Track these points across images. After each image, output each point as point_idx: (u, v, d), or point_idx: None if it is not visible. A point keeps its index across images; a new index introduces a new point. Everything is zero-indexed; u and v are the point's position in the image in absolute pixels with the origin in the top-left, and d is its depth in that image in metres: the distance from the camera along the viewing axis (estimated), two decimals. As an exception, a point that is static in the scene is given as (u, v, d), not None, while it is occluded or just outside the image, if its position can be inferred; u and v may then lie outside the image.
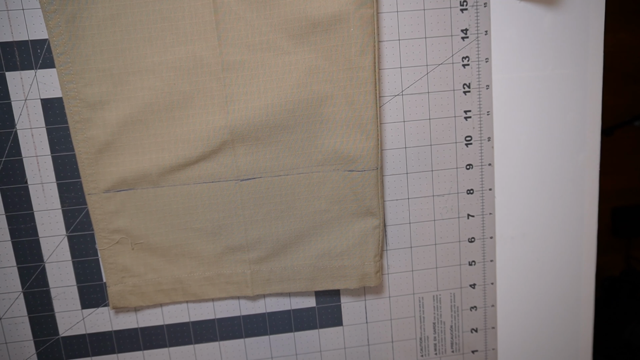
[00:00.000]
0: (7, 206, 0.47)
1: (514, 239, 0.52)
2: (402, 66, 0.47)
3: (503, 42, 0.48)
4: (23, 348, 0.50)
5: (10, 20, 0.44)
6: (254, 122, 0.45)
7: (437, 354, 0.54)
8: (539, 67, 0.48)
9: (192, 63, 0.44)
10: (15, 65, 0.44)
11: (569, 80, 0.49)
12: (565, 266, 0.52)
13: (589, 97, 0.49)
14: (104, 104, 0.44)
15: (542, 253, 0.52)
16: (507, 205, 0.51)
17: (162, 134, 0.45)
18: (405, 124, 0.48)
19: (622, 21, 1.19)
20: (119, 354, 0.51)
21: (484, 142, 0.49)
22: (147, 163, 0.45)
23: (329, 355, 0.53)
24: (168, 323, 0.51)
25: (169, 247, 0.48)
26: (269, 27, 0.43)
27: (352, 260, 0.48)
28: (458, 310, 0.53)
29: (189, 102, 0.45)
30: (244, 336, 0.52)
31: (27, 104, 0.45)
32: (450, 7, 0.47)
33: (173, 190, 0.46)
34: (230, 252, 0.48)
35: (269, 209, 0.47)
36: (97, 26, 0.43)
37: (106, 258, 0.48)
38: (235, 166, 0.46)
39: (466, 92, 0.48)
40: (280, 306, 0.51)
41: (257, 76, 0.44)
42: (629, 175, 1.35)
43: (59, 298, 0.49)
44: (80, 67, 0.44)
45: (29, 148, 0.46)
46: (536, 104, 0.49)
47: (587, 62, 0.48)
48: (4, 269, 0.48)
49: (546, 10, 0.47)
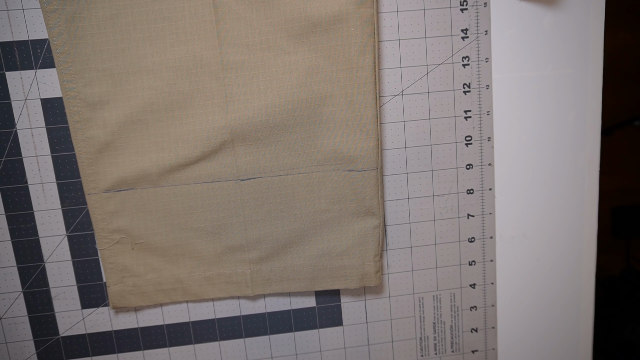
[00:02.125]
0: (7, 206, 0.47)
1: (514, 239, 0.52)
2: (402, 66, 0.47)
3: (503, 42, 0.48)
4: (23, 348, 0.50)
5: (10, 20, 0.44)
6: (254, 121, 0.45)
7: (437, 354, 0.54)
8: (539, 67, 0.48)
9: (192, 63, 0.44)
10: (15, 65, 0.44)
11: (569, 80, 0.49)
12: (565, 266, 0.52)
13: (589, 97, 0.49)
14: (104, 103, 0.44)
15: (542, 253, 0.52)
16: (507, 205, 0.51)
17: (162, 133, 0.45)
18: (405, 124, 0.48)
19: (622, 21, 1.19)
20: (119, 354, 0.51)
21: (484, 142, 0.49)
22: (147, 163, 0.45)
23: (329, 355, 0.53)
24: (168, 323, 0.51)
25: (169, 246, 0.48)
26: (269, 27, 0.43)
27: (352, 260, 0.48)
28: (458, 310, 0.53)
29: (189, 101, 0.45)
30: (244, 336, 0.52)
31: (27, 104, 0.45)
32: (450, 7, 0.47)
33: (173, 190, 0.46)
34: (230, 252, 0.48)
35: (269, 209, 0.47)
36: (97, 26, 0.43)
37: (106, 258, 0.48)
38: (235, 166, 0.46)
39: (466, 92, 0.48)
40: (280, 306, 0.51)
41: (257, 76, 0.44)
42: (629, 175, 1.35)
43: (59, 298, 0.49)
44: (80, 66, 0.44)
45: (29, 148, 0.46)
46: (536, 104, 0.49)
47: (587, 62, 0.48)
48: (4, 269, 0.48)
49: (546, 10, 0.48)
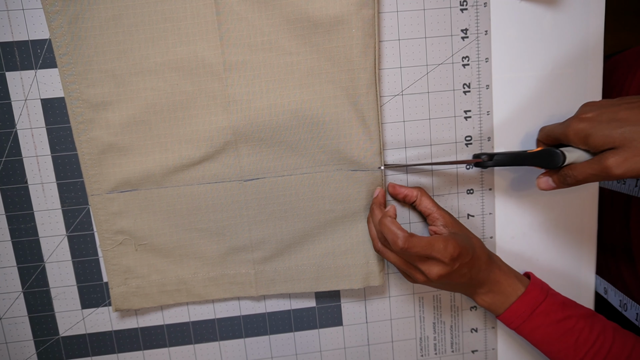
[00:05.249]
0: (7, 206, 0.47)
1: (514, 239, 0.52)
2: (402, 66, 0.47)
3: (503, 42, 0.48)
4: (23, 348, 0.50)
5: (10, 20, 0.44)
6: (257, 122, 0.45)
7: (437, 354, 0.54)
8: (539, 67, 0.48)
9: (194, 63, 0.44)
10: (15, 65, 0.44)
11: (569, 80, 0.49)
12: (565, 266, 0.52)
13: (589, 97, 0.49)
14: (107, 104, 0.44)
15: (542, 253, 0.52)
16: (507, 205, 0.51)
17: (165, 134, 0.45)
18: (405, 124, 0.48)
19: (622, 21, 1.19)
20: (119, 354, 0.51)
21: (484, 142, 0.49)
22: (150, 164, 0.45)
23: (329, 355, 0.53)
24: (168, 323, 0.51)
25: (172, 247, 0.48)
26: (271, 28, 0.43)
27: (356, 259, 0.48)
28: (458, 310, 0.53)
29: (192, 102, 0.45)
30: (244, 336, 0.52)
31: (27, 104, 0.45)
32: (450, 7, 0.47)
33: (177, 190, 0.46)
34: (235, 253, 0.48)
35: (273, 209, 0.47)
36: (100, 27, 0.43)
37: (109, 259, 0.48)
38: (239, 166, 0.46)
39: (466, 92, 0.48)
40: (281, 306, 0.51)
41: (259, 76, 0.44)
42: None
43: (59, 298, 0.49)
44: (83, 68, 0.44)
45: (29, 148, 0.46)
46: (536, 104, 0.49)
47: (587, 62, 0.48)
48: (4, 269, 0.48)
49: (546, 10, 0.48)
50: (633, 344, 0.44)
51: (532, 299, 0.46)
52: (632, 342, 0.44)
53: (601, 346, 0.44)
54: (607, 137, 0.38)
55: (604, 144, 0.38)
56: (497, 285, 0.46)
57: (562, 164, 0.41)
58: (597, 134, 0.38)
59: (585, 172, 0.39)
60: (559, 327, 0.45)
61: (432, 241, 0.40)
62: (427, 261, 0.41)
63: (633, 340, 0.44)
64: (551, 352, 0.46)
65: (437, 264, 0.41)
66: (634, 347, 0.44)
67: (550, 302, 0.46)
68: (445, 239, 0.40)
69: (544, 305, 0.45)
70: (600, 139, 0.38)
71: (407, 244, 0.39)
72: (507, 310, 0.46)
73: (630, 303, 0.50)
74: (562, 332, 0.45)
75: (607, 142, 0.38)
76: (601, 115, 0.39)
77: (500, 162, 0.45)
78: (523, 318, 0.46)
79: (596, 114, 0.39)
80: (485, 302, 0.47)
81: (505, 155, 0.45)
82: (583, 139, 0.39)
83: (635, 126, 0.37)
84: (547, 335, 0.45)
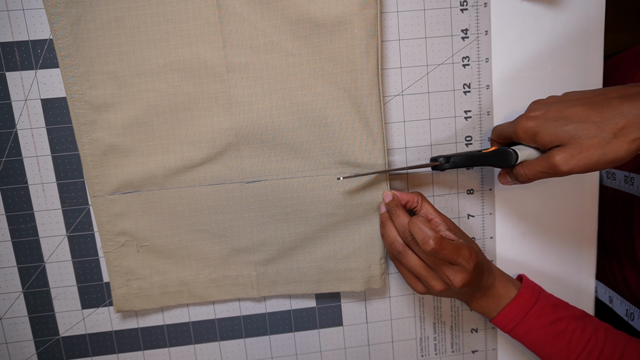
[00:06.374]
0: (7, 206, 0.47)
1: (514, 239, 0.52)
2: (402, 66, 0.47)
3: (503, 42, 0.48)
4: (23, 348, 0.50)
5: (10, 20, 0.44)
6: (259, 123, 0.45)
7: (437, 354, 0.54)
8: (539, 67, 0.48)
9: (197, 65, 0.44)
10: (15, 65, 0.44)
11: (569, 80, 0.49)
12: (565, 266, 0.52)
13: (589, 98, 0.49)
14: (109, 106, 0.44)
15: (542, 253, 0.52)
16: (507, 205, 0.51)
17: (167, 135, 0.45)
18: (405, 124, 0.48)
19: (622, 21, 1.19)
20: (119, 354, 0.51)
21: (484, 142, 0.49)
22: (152, 165, 0.45)
23: (329, 355, 0.53)
24: (168, 323, 0.51)
25: (174, 249, 0.48)
26: (273, 29, 0.43)
27: (358, 263, 0.48)
28: (458, 310, 0.53)
29: (194, 103, 0.45)
30: (244, 336, 0.52)
31: (27, 104, 0.45)
32: (450, 7, 0.47)
33: (179, 192, 0.46)
34: (236, 254, 0.48)
35: (275, 212, 0.47)
36: (102, 29, 0.43)
37: (111, 261, 0.47)
38: (241, 168, 0.46)
39: (466, 92, 0.48)
40: (281, 306, 0.51)
41: (261, 78, 0.44)
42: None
43: (59, 298, 0.49)
44: (85, 69, 0.43)
45: (29, 148, 0.46)
46: (536, 104, 0.49)
47: (587, 62, 0.48)
48: (4, 269, 0.48)
49: (546, 10, 0.48)
50: (625, 344, 0.44)
51: (524, 302, 0.45)
52: (624, 343, 0.44)
53: (593, 348, 0.44)
54: (554, 134, 0.38)
55: (551, 141, 0.38)
56: (491, 289, 0.46)
57: (516, 162, 0.41)
58: (545, 132, 0.38)
59: (534, 170, 0.40)
60: (551, 330, 0.45)
61: (459, 246, 0.40)
62: (453, 267, 0.41)
63: (625, 341, 0.44)
64: (545, 355, 0.46)
65: (461, 271, 0.40)
66: (625, 348, 0.44)
67: (541, 305, 0.45)
68: (469, 246, 0.40)
69: (535, 307, 0.45)
70: (547, 137, 0.38)
71: (438, 244, 0.38)
72: (499, 313, 0.46)
73: (637, 312, 0.50)
74: (554, 335, 0.45)
75: (554, 139, 0.38)
76: (548, 113, 0.39)
77: (457, 163, 0.44)
78: (516, 321, 0.45)
79: (543, 112, 0.39)
80: (479, 306, 0.47)
81: (461, 157, 0.44)
82: (532, 137, 0.40)
83: (580, 123, 0.37)
84: (540, 338, 0.45)
